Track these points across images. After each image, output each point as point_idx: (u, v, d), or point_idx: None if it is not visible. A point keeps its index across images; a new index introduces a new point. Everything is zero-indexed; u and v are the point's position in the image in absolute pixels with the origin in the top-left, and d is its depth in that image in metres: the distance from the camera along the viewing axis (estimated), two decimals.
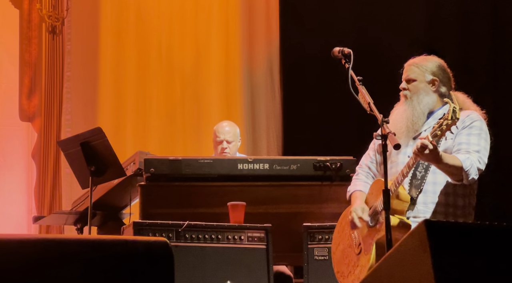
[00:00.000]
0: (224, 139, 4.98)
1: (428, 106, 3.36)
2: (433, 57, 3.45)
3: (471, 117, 3.31)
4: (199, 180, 4.27)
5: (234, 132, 5.04)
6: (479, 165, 3.20)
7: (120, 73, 6.72)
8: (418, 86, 3.37)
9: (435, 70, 3.38)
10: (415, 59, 3.44)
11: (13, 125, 6.57)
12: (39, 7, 6.59)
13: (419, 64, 3.40)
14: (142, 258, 1.94)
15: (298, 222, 4.13)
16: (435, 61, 3.42)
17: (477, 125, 3.28)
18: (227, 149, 4.95)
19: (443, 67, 3.41)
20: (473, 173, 3.17)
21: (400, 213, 3.26)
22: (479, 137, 3.26)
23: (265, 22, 6.84)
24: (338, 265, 3.53)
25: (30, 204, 6.48)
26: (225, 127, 5.03)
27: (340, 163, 4.30)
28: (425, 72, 3.37)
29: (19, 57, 6.61)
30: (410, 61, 3.45)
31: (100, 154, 4.39)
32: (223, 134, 5.00)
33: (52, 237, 1.97)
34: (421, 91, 3.36)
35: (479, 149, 3.23)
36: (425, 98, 3.35)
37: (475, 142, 3.24)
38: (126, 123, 6.65)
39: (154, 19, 6.82)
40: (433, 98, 3.37)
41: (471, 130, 3.27)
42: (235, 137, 5.03)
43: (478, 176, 3.22)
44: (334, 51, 3.43)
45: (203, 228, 3.94)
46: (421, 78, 3.37)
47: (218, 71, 6.82)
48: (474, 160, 3.18)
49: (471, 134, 3.26)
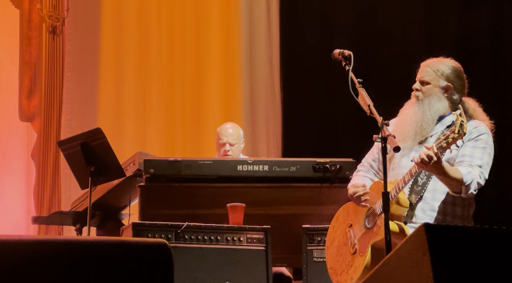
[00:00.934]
0: (226, 142, 4.96)
1: (438, 113, 3.31)
2: (450, 60, 3.38)
3: (478, 129, 3.26)
4: (198, 181, 4.27)
5: (238, 135, 5.02)
6: (480, 180, 3.17)
7: (120, 73, 6.72)
8: (431, 90, 3.32)
9: (450, 76, 3.32)
10: (432, 61, 3.38)
11: (13, 125, 6.56)
12: (39, 7, 6.58)
13: (435, 67, 3.34)
14: (141, 259, 1.94)
15: (297, 223, 4.13)
16: (452, 66, 3.35)
17: (483, 138, 3.24)
18: (230, 152, 4.93)
19: (459, 73, 3.35)
20: (473, 187, 3.16)
21: (398, 219, 3.25)
22: (483, 152, 3.22)
23: (265, 23, 6.84)
24: (332, 262, 3.51)
25: (29, 204, 6.47)
26: (228, 130, 5.01)
27: (339, 165, 4.30)
28: (440, 78, 3.32)
29: (19, 57, 6.61)
30: (428, 62, 3.38)
31: (99, 155, 4.39)
32: (226, 136, 4.97)
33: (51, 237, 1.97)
34: (433, 96, 3.31)
35: (482, 164, 3.20)
36: (437, 104, 3.31)
37: (479, 156, 3.21)
38: (126, 124, 6.65)
39: (154, 20, 6.82)
40: (444, 104, 3.32)
41: (477, 143, 3.23)
42: (238, 140, 5.00)
43: (477, 191, 3.20)
44: (335, 53, 3.42)
45: (202, 229, 3.94)
46: (435, 82, 3.32)
47: (218, 73, 6.82)
48: (475, 174, 3.16)
49: (476, 147, 3.23)
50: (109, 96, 6.68)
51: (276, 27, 6.75)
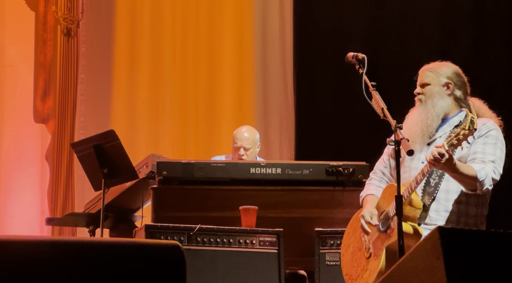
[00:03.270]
0: (241, 146, 4.95)
1: (443, 110, 3.34)
2: (447, 63, 3.44)
3: (487, 126, 3.27)
4: (211, 183, 4.27)
5: (253, 139, 5.00)
6: (494, 175, 3.17)
7: (134, 75, 6.74)
8: (433, 90, 3.36)
9: (450, 74, 3.37)
10: (430, 65, 3.44)
11: (27, 127, 6.60)
12: (54, 9, 6.62)
13: (434, 69, 3.40)
14: (154, 261, 1.94)
15: (310, 226, 4.12)
16: (450, 66, 3.41)
17: (493, 134, 3.25)
18: (244, 156, 4.93)
19: (458, 72, 3.40)
20: (488, 183, 3.15)
21: (412, 220, 3.24)
22: (495, 147, 3.22)
23: (279, 24, 6.84)
24: (347, 268, 3.52)
25: (43, 206, 6.50)
26: (244, 134, 5.00)
27: (352, 168, 4.29)
28: (439, 76, 3.36)
29: (34, 59, 6.65)
30: (425, 67, 3.44)
31: (113, 157, 4.40)
32: (241, 141, 4.97)
33: (65, 238, 1.98)
34: (435, 94, 3.35)
35: (495, 159, 3.19)
36: (440, 102, 3.34)
37: (491, 152, 3.21)
38: (139, 126, 6.67)
39: (168, 22, 6.84)
40: (448, 102, 3.35)
41: (487, 140, 3.24)
42: (253, 144, 4.99)
43: (492, 186, 3.19)
44: (348, 56, 3.42)
45: (215, 232, 3.94)
46: (436, 82, 3.36)
47: (231, 74, 6.82)
48: (489, 170, 3.15)
49: (486, 144, 3.23)
50: (122, 98, 6.70)
51: (290, 28, 6.74)
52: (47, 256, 1.87)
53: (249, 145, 4.95)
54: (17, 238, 1.89)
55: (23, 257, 1.85)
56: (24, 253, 1.85)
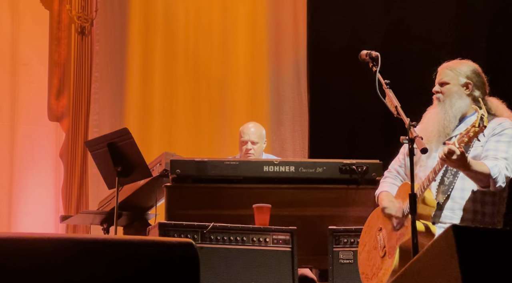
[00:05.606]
0: (249, 140, 4.96)
1: (460, 110, 3.32)
2: (467, 61, 3.41)
3: (502, 125, 3.26)
4: (224, 181, 4.27)
5: (260, 134, 5.02)
6: (507, 172, 3.16)
7: (147, 74, 6.76)
8: (452, 89, 3.33)
9: (469, 74, 3.34)
10: (449, 63, 3.41)
11: (42, 125, 6.63)
12: (68, 8, 6.65)
13: (453, 67, 3.37)
14: (167, 259, 1.94)
15: (324, 225, 4.12)
16: (470, 65, 3.38)
17: (508, 133, 3.24)
18: (252, 150, 4.94)
19: (478, 72, 3.37)
20: (501, 180, 3.13)
21: (425, 218, 3.23)
22: (508, 145, 3.21)
23: (292, 23, 6.83)
24: (363, 267, 3.51)
25: (57, 203, 6.54)
26: (251, 129, 5.02)
27: (366, 167, 4.28)
28: (459, 76, 3.34)
29: (49, 57, 6.68)
30: (444, 65, 3.41)
31: (126, 155, 4.41)
32: (248, 135, 4.98)
33: (79, 236, 1.98)
34: (454, 94, 3.33)
35: (507, 156, 3.18)
36: (458, 102, 3.32)
37: (504, 149, 3.20)
38: (153, 124, 6.69)
39: (181, 21, 6.85)
40: (466, 102, 3.33)
41: (501, 138, 3.23)
42: (260, 139, 5.01)
43: (506, 183, 3.17)
44: (362, 54, 3.41)
45: (228, 230, 3.94)
46: (455, 81, 3.34)
47: (245, 73, 6.82)
48: (501, 167, 3.14)
49: (500, 142, 3.22)
50: (136, 97, 6.72)
51: (303, 25, 6.73)
52: (60, 254, 1.87)
53: (256, 138, 4.97)
54: (31, 235, 1.90)
55: (38, 254, 1.86)
56: (39, 250, 1.86)
